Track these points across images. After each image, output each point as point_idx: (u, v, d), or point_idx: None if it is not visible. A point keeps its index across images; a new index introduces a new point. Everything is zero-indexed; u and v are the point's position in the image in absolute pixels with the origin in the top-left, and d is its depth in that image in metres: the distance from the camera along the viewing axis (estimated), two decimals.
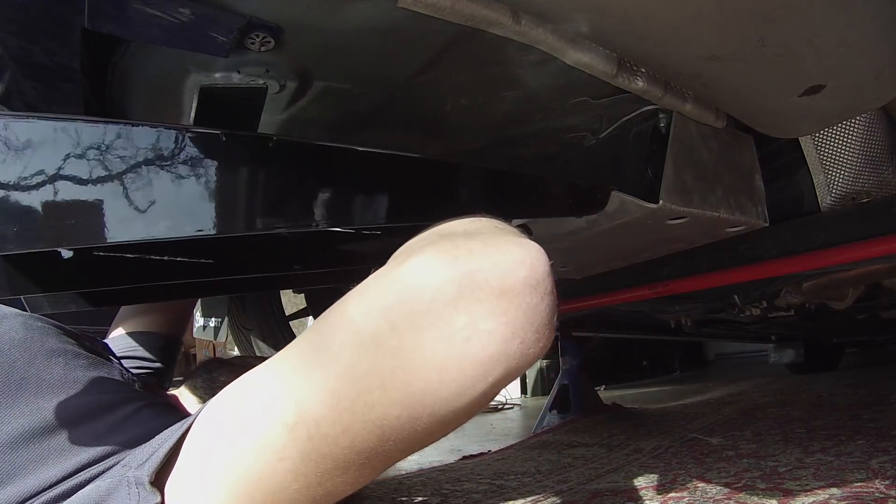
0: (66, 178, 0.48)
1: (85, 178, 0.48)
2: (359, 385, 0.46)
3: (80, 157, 0.48)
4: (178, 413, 0.74)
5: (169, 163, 0.50)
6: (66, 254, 0.76)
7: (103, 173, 0.48)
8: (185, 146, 0.52)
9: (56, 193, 0.47)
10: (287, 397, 0.49)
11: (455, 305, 0.45)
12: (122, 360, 0.90)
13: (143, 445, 0.60)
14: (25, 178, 0.47)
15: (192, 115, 0.65)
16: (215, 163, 0.52)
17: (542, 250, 0.50)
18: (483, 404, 0.50)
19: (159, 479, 0.55)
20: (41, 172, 0.47)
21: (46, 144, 0.48)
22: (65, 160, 0.48)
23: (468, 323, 0.45)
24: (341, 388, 0.47)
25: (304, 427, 0.48)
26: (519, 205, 0.74)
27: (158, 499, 0.53)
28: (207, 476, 0.52)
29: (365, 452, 0.48)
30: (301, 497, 0.50)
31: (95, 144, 0.49)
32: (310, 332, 0.51)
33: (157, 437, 0.60)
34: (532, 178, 0.78)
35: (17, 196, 0.46)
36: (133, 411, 0.68)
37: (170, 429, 0.58)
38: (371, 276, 0.50)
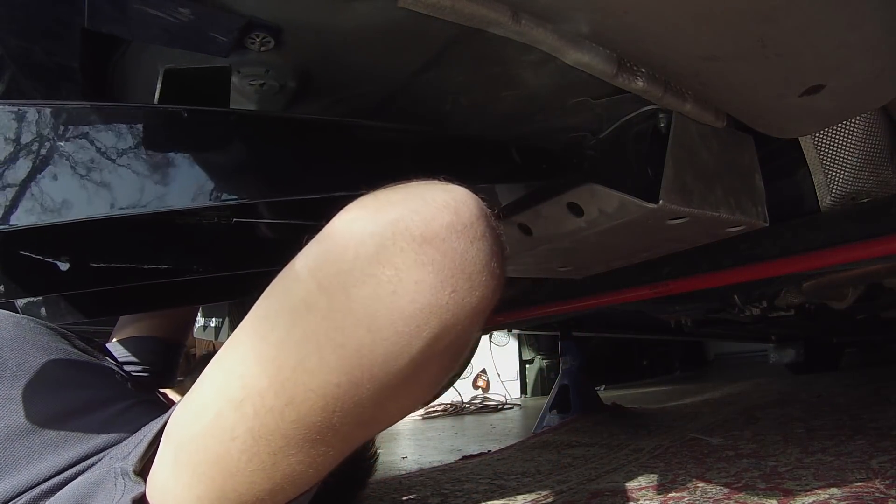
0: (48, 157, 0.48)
1: (67, 158, 0.48)
2: (296, 352, 0.45)
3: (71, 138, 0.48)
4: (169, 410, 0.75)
5: (133, 140, 0.50)
6: (63, 266, 0.77)
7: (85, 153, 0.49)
8: (149, 124, 0.52)
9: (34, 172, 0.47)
10: (233, 374, 0.49)
11: (378, 259, 0.44)
12: (124, 365, 0.90)
13: (130, 438, 0.61)
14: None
15: (157, 96, 0.64)
16: (180, 138, 0.52)
17: (471, 194, 0.48)
18: (429, 369, 0.48)
19: (144, 470, 0.56)
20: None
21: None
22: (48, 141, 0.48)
23: (393, 275, 0.43)
24: (280, 358, 0.46)
25: (249, 402, 0.47)
26: (488, 170, 0.74)
27: (142, 488, 0.54)
28: (177, 462, 0.53)
29: (314, 427, 0.47)
30: (259, 479, 0.49)
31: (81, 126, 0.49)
32: (256, 304, 0.50)
33: (141, 429, 0.60)
34: (498, 142, 0.78)
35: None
36: (124, 409, 0.69)
37: (154, 421, 0.59)
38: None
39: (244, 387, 0.47)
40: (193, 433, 0.51)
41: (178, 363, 1.12)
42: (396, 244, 0.44)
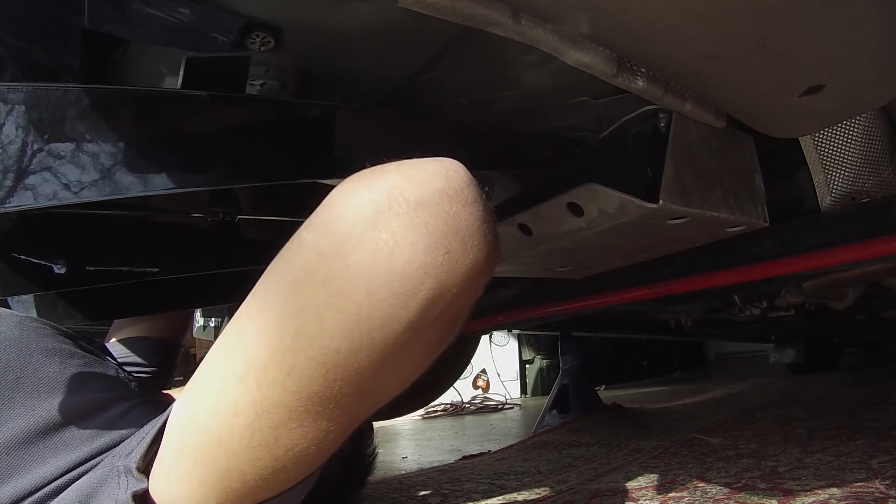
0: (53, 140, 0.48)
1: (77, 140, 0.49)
2: (297, 320, 0.46)
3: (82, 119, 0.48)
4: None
5: (158, 123, 0.51)
6: (59, 270, 0.77)
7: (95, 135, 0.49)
8: (174, 107, 0.53)
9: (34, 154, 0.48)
10: (236, 349, 0.50)
11: (375, 224, 0.46)
12: (124, 366, 0.90)
13: (132, 437, 0.61)
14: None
15: (180, 83, 0.65)
16: (202, 122, 0.53)
17: (461, 164, 0.50)
18: (426, 334, 0.49)
19: (147, 467, 0.56)
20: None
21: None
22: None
23: (389, 238, 0.45)
24: (281, 327, 0.47)
25: (252, 376, 0.48)
26: (489, 155, 0.74)
27: (145, 484, 0.54)
28: (180, 449, 0.53)
29: (315, 397, 0.48)
30: (261, 455, 0.50)
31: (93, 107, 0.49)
32: (258, 282, 0.52)
33: (144, 427, 0.61)
34: (502, 128, 0.78)
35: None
36: (127, 409, 0.69)
37: (156, 419, 0.60)
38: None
39: (247, 360, 0.48)
40: (196, 414, 0.52)
41: (176, 363, 1.12)
42: (392, 209, 0.46)
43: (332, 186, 0.50)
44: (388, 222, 0.46)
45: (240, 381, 0.48)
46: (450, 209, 0.47)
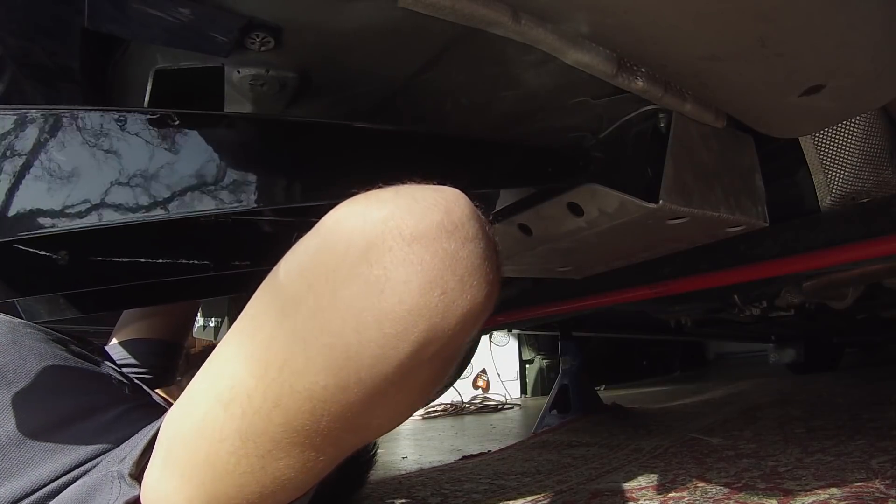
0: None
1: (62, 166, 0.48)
2: (283, 352, 0.44)
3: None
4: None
5: (126, 146, 0.50)
6: (61, 262, 0.77)
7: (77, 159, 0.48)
8: (140, 127, 0.51)
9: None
10: (223, 374, 0.49)
11: (367, 258, 0.42)
12: (124, 367, 0.90)
13: (127, 442, 0.61)
14: None
15: (147, 98, 0.63)
16: (170, 142, 0.51)
17: (463, 195, 0.47)
18: (418, 374, 0.46)
19: (140, 473, 0.56)
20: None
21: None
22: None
23: (381, 275, 0.42)
24: (268, 357, 0.45)
25: (237, 403, 0.46)
26: (493, 174, 0.73)
27: (137, 491, 0.54)
28: (167, 463, 0.53)
29: (302, 430, 0.46)
30: (248, 482, 0.48)
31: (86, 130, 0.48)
32: (248, 304, 0.50)
33: (138, 433, 0.61)
34: (503, 145, 0.77)
35: None
36: (122, 412, 0.69)
37: (150, 424, 0.59)
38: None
39: (233, 387, 0.47)
40: (184, 433, 0.51)
41: (177, 364, 1.12)
42: (385, 243, 0.43)
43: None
44: (381, 257, 0.42)
45: (225, 408, 0.47)
46: (448, 246, 0.43)
